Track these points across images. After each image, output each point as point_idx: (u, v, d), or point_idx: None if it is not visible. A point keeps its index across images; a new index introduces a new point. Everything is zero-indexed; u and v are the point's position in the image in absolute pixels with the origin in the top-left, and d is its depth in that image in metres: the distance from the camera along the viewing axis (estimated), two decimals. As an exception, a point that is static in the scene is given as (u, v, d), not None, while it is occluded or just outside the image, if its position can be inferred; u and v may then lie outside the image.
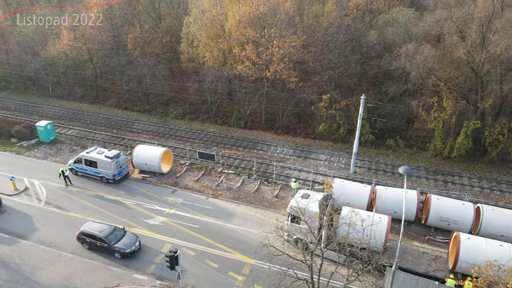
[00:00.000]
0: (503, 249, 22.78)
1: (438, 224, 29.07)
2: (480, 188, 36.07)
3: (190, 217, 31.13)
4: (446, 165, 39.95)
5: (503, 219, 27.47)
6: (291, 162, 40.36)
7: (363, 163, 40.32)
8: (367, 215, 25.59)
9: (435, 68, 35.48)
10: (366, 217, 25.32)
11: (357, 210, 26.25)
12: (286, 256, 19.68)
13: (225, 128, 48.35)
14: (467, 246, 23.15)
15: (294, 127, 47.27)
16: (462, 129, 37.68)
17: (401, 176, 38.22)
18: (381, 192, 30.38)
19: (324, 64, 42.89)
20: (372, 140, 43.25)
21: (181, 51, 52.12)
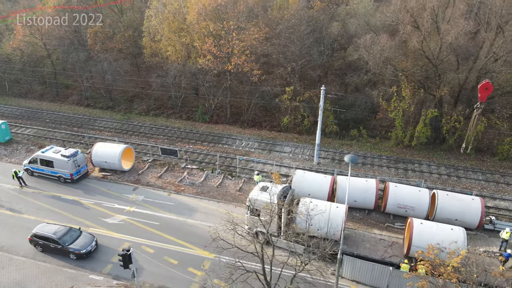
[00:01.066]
0: (453, 232, 23.43)
1: (396, 211, 29.64)
2: (439, 174, 37.07)
3: (150, 214, 30.55)
4: (407, 153, 40.83)
5: (457, 204, 28.25)
6: (255, 155, 40.24)
7: (327, 154, 40.67)
8: (324, 205, 25.77)
9: (391, 58, 36.05)
10: (324, 207, 25.60)
11: (315, 201, 26.45)
12: (243, 248, 19.50)
13: (191, 123, 47.70)
14: (419, 231, 23.66)
15: (260, 120, 47.15)
16: (421, 118, 38.54)
17: (364, 165, 38.89)
18: (341, 182, 30.65)
19: (287, 56, 42.82)
20: (337, 131, 43.67)
21: (144, 46, 50.96)
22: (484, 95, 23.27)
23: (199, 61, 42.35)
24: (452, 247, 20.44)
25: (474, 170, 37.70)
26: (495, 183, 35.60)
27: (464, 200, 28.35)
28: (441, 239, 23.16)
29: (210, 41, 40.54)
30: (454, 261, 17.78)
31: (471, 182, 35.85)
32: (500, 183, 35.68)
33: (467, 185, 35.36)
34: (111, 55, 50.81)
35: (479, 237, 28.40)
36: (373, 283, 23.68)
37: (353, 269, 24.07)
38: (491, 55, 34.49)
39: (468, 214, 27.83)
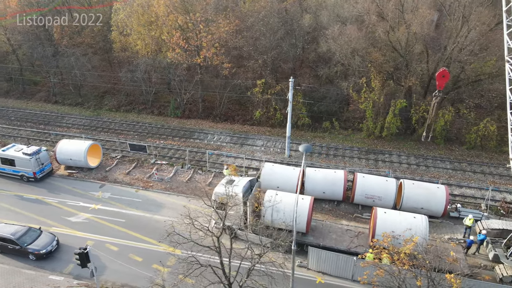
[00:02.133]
0: (416, 221, 23.58)
1: (364, 201, 29.73)
2: (408, 164, 37.45)
3: (116, 212, 29.84)
4: (379, 144, 41.11)
5: (422, 192, 28.51)
6: (227, 150, 39.83)
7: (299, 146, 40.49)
8: (290, 197, 25.60)
9: (359, 49, 36.07)
10: (289, 199, 25.44)
11: (281, 193, 26.26)
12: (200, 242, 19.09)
13: (162, 119, 46.87)
14: (383, 220, 23.73)
15: (232, 114, 46.68)
16: (390, 109, 38.77)
17: (336, 157, 38.96)
18: (310, 174, 30.57)
19: (257, 49, 42.39)
20: (309, 123, 43.59)
21: (113, 40, 49.68)
22: (442, 83, 23.44)
23: (168, 55, 41.51)
24: (407, 234, 20.52)
25: (443, 159, 38.24)
26: (462, 172, 36.19)
27: (430, 189, 28.64)
28: (404, 227, 23.32)
29: (178, 34, 39.74)
30: (407, 248, 17.82)
31: (439, 171, 36.34)
32: (467, 171, 36.29)
33: (435, 174, 35.83)
34: (79, 50, 49.41)
35: (445, 224, 28.80)
36: (339, 273, 23.69)
37: (318, 260, 24.02)
38: (455, 45, 34.89)
39: (433, 202, 28.14)
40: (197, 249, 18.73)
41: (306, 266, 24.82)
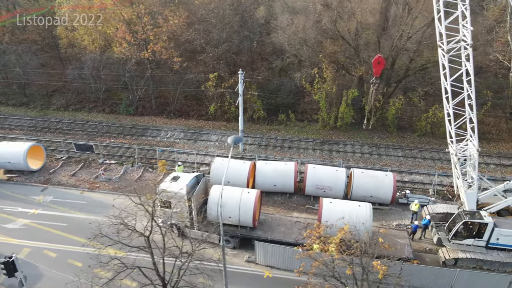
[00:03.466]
0: (361, 209, 23.55)
1: (316, 192, 29.52)
2: (361, 153, 37.72)
3: (58, 216, 28.27)
4: (333, 134, 41.22)
5: (371, 181, 28.64)
6: (180, 146, 38.79)
7: (254, 140, 40.08)
8: (236, 192, 25.01)
9: (307, 39, 35.82)
10: (235, 194, 24.86)
11: (227, 188, 25.57)
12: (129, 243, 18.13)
13: (114, 117, 45.12)
14: (328, 211, 23.55)
15: (187, 109, 45.57)
16: (343, 99, 38.87)
17: (290, 149, 38.72)
18: (260, 167, 30.07)
19: (209, 42, 41.42)
20: (264, 116, 43.14)
21: (59, 36, 47.28)
22: (378, 70, 23.49)
23: (115, 50, 39.84)
24: (340, 223, 20.38)
25: (395, 147, 38.78)
26: (413, 158, 36.81)
27: (378, 177, 28.79)
28: (350, 216, 23.22)
29: (123, 28, 38.14)
30: (337, 238, 17.63)
31: (391, 159, 36.81)
32: (417, 158, 36.95)
33: (387, 162, 36.25)
34: (23, 47, 46.67)
35: (393, 211, 29.08)
36: (286, 266, 23.33)
37: (265, 254, 23.58)
38: (400, 33, 35.30)
39: (381, 190, 28.34)
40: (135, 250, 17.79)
41: (254, 261, 24.34)
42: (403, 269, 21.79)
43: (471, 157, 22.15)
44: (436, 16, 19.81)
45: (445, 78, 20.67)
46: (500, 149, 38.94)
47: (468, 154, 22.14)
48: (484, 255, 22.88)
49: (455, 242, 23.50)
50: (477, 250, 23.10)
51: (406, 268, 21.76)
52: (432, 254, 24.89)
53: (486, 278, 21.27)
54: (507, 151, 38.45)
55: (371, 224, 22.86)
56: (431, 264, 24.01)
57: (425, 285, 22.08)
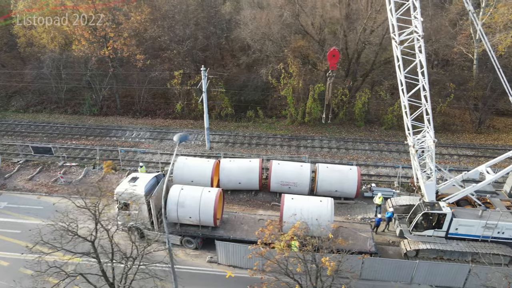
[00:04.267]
0: (322, 204, 23.30)
1: (281, 189, 29.09)
2: (329, 148, 37.63)
3: (11, 222, 26.93)
4: (302, 130, 41.03)
5: (335, 175, 28.49)
6: (145, 146, 37.77)
7: (222, 138, 39.46)
8: (196, 191, 24.35)
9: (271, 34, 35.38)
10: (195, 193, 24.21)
11: (187, 187, 24.93)
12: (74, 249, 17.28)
13: (77, 117, 43.61)
14: (289, 207, 23.20)
15: (153, 108, 44.49)
16: (310, 93, 38.68)
17: (258, 146, 38.29)
18: (224, 165, 29.49)
19: (173, 38, 40.43)
20: (232, 113, 42.55)
21: (17, 34, 45.29)
22: (333, 63, 23.29)
23: (74, 48, 38.38)
24: (292, 220, 20.09)
25: (362, 141, 38.90)
26: (380, 152, 36.99)
27: (342, 171, 28.66)
28: (311, 212, 22.97)
29: (80, 25, 36.73)
30: (287, 235, 17.29)
31: (358, 153, 36.87)
32: (383, 151, 37.14)
33: (354, 156, 36.28)
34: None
35: (358, 205, 29.04)
36: (248, 265, 22.79)
37: (227, 254, 23.06)
38: (363, 27, 35.32)
39: (346, 184, 28.23)
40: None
41: (217, 261, 23.79)
42: (365, 263, 21.76)
43: (428, 148, 22.19)
44: (388, 7, 19.67)
45: (400, 70, 20.59)
46: (464, 140, 39.63)
47: (426, 145, 22.17)
48: (444, 246, 23.04)
49: (415, 233, 23.58)
50: (437, 240, 23.24)
51: (367, 262, 21.70)
52: (395, 246, 24.94)
53: (445, 268, 21.40)
54: (470, 141, 39.16)
55: (332, 219, 22.61)
56: (394, 256, 24.10)
57: (387, 278, 22.09)
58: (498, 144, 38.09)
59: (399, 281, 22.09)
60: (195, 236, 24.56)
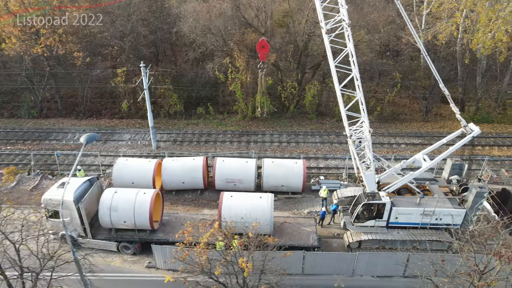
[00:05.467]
0: (261, 201, 22.68)
1: (226, 186, 28.18)
2: (279, 142, 37.17)
3: None
4: (253, 125, 40.36)
5: (281, 170, 27.94)
6: (88, 148, 35.83)
7: (170, 136, 38.14)
8: (131, 193, 23.09)
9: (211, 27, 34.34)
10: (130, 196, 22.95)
11: (121, 190, 23.62)
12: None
13: (14, 121, 40.89)
14: (228, 205, 22.44)
15: (99, 108, 42.40)
16: (258, 88, 37.91)
17: (207, 143, 37.26)
18: (167, 165, 28.28)
19: (113, 34, 38.53)
20: (181, 110, 41.24)
21: None
22: (263, 54, 22.67)
23: (3, 46, 35.77)
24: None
25: (313, 134, 38.71)
26: (330, 144, 36.91)
27: (288, 165, 28.14)
28: (250, 209, 22.33)
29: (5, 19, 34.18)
30: (205, 237, 16.54)
31: (309, 146, 36.64)
32: (334, 143, 37.08)
33: (305, 149, 36.02)
34: None
35: (306, 199, 28.68)
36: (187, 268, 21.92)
37: (165, 258, 21.99)
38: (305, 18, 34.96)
39: (292, 178, 27.76)
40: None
41: (155, 266, 22.69)
42: (306, 258, 21.35)
43: (365, 138, 21.99)
44: (315, -4, 19.15)
45: (330, 60, 20.16)
46: (412, 129, 40.31)
47: (362, 135, 21.95)
48: (385, 235, 23.00)
49: (357, 225, 23.42)
50: (379, 230, 23.19)
51: (308, 257, 21.30)
52: (340, 239, 24.72)
53: (385, 258, 21.38)
54: (418, 130, 39.88)
55: (271, 215, 22.01)
56: (338, 249, 23.88)
57: (330, 271, 21.80)
58: (444, 132, 38.93)
59: (342, 274, 21.88)
60: (132, 241, 23.30)
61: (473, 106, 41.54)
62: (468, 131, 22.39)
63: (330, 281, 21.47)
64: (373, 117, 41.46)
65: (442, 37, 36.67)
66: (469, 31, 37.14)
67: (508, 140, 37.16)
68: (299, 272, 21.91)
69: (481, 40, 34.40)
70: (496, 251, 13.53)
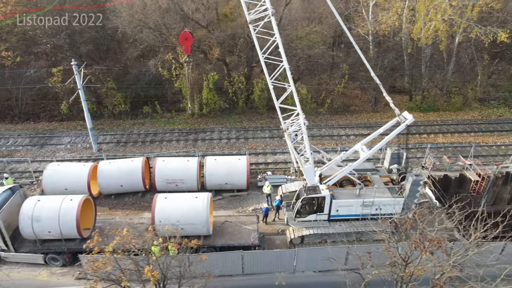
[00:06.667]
0: (197, 201, 21.67)
1: (167, 187, 26.86)
2: (228, 139, 36.21)
3: None
4: (202, 122, 39.18)
5: (224, 167, 27.04)
6: (22, 154, 33.48)
7: (113, 138, 36.32)
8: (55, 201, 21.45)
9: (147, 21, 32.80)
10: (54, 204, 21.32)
11: (44, 198, 21.94)
12: None
13: None
14: (161, 207, 21.26)
15: (37, 111, 39.86)
16: (204, 83, 36.85)
17: (153, 143, 35.72)
18: (103, 168, 26.63)
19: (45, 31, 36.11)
20: (126, 110, 39.42)
21: None
22: (187, 46, 21.71)
23: None
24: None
25: (263, 129, 38.05)
26: (279, 138, 36.34)
27: (230, 163, 27.29)
28: (186, 210, 21.31)
29: None
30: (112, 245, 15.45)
31: (258, 141, 35.92)
32: (283, 137, 36.39)
33: (253, 145, 35.27)
34: None
35: (252, 196, 27.91)
36: (120, 276, 20.63)
37: (94, 267, 20.52)
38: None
39: (235, 176, 26.92)
40: None
41: (86, 277, 21.17)
42: (244, 258, 20.59)
43: (302, 131, 21.45)
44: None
45: (258, 51, 19.42)
46: (362, 120, 40.48)
47: (297, 128, 21.41)
48: (327, 229, 22.65)
49: (299, 220, 22.93)
50: (321, 224, 22.81)
51: (246, 256, 20.55)
52: (284, 235, 24.14)
53: (325, 252, 20.93)
54: (367, 120, 40.10)
55: (207, 216, 21.05)
56: (281, 245, 23.31)
57: (271, 270, 21.17)
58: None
59: (283, 271, 21.31)
60: (61, 252, 21.68)
61: (420, 95, 42.27)
62: (402, 119, 22.33)
63: (272, 279, 20.79)
64: (323, 109, 41.49)
65: (385, 28, 36.88)
66: (410, 21, 37.62)
67: (452, 127, 38.03)
68: (239, 272, 21.15)
69: (420, 30, 34.85)
70: (413, 241, 13.25)
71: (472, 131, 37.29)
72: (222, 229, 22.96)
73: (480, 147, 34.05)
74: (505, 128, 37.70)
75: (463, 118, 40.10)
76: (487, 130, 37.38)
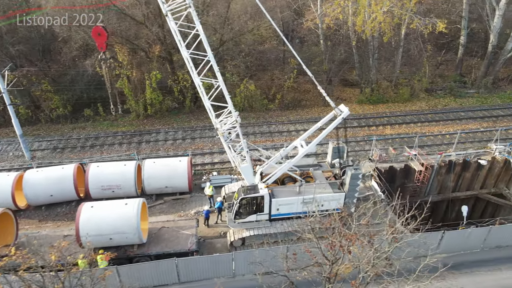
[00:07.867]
0: (127, 208, 20.24)
1: (103, 194, 25.17)
2: (174, 140, 34.77)
3: None
4: (148, 123, 37.50)
5: (164, 170, 25.69)
6: None
7: (50, 144, 34.00)
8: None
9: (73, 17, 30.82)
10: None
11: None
12: None
13: None
14: (87, 218, 19.70)
15: (-37, 119, 36.75)
16: (147, 83, 35.19)
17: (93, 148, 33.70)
18: (29, 177, 24.58)
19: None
20: (66, 114, 37.05)
21: None
22: (101, 42, 20.28)
23: None
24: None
25: (211, 128, 36.72)
26: (227, 137, 35.28)
27: (170, 165, 25.96)
28: (114, 219, 19.85)
29: None
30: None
31: (205, 141, 34.70)
32: (231, 135, 35.51)
33: (200, 145, 34.03)
34: None
35: (195, 198, 26.70)
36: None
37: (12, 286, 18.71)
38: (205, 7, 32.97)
39: (176, 178, 25.64)
40: None
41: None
42: (178, 265, 19.40)
43: (235, 129, 20.52)
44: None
45: (179, 45, 18.25)
46: (313, 114, 40.10)
47: (230, 126, 20.46)
48: (267, 229, 21.88)
49: (239, 221, 22.00)
50: (261, 225, 22.00)
51: (180, 264, 19.37)
52: (225, 238, 23.16)
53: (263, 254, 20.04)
54: (318, 115, 39.72)
55: (137, 223, 19.69)
56: (221, 249, 22.29)
57: (209, 276, 20.10)
58: (342, 115, 39.24)
59: (222, 276, 20.30)
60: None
61: (369, 87, 42.45)
62: (338, 112, 21.86)
63: (211, 285, 19.68)
64: (274, 105, 40.85)
65: (329, 20, 36.60)
66: (354, 13, 37.55)
67: (400, 118, 38.36)
68: (176, 281, 19.95)
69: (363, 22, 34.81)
70: (330, 240, 12.64)
71: (419, 121, 37.77)
72: (158, 236, 21.69)
73: (426, 137, 34.48)
74: (450, 117, 38.46)
75: (411, 109, 40.62)
76: (433, 120, 37.97)
